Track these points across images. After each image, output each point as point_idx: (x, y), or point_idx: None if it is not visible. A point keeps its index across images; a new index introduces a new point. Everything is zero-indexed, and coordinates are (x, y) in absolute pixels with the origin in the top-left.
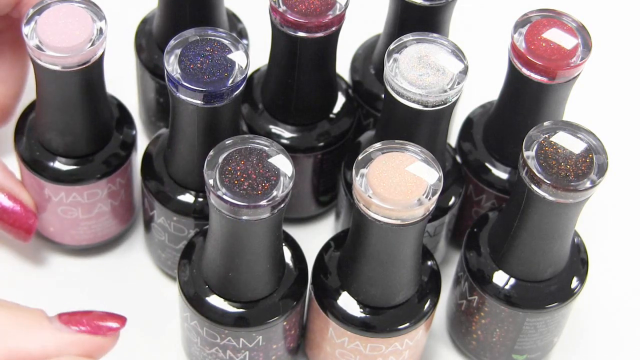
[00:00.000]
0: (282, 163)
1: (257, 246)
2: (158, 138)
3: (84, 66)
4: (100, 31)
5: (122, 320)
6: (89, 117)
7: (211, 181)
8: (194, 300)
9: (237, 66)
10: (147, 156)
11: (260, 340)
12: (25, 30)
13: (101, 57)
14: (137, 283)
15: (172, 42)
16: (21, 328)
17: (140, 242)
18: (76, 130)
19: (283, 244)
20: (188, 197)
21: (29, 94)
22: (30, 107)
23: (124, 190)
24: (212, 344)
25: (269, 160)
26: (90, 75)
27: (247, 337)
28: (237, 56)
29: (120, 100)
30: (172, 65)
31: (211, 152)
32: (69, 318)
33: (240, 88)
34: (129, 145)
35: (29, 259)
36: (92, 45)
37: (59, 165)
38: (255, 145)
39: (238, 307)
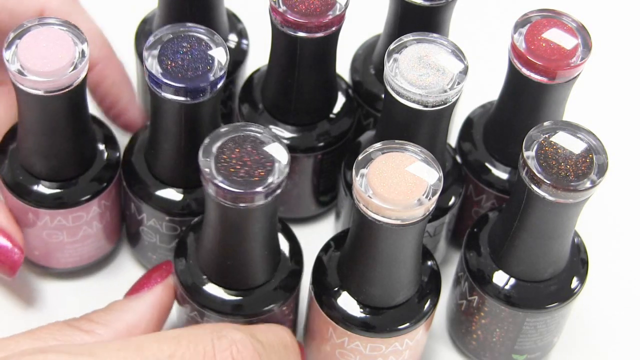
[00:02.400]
0: (277, 150)
1: (254, 233)
2: (134, 140)
3: (66, 90)
4: (82, 54)
5: (163, 265)
6: (71, 140)
7: (207, 170)
8: (192, 289)
9: (216, 62)
10: (127, 161)
11: None
12: (6, 55)
13: (84, 80)
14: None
15: (147, 44)
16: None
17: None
18: (59, 153)
19: (279, 233)
20: (177, 195)
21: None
22: (13, 130)
23: (109, 212)
24: None
25: (264, 147)
26: (73, 98)
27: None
28: (216, 53)
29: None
30: (152, 66)
31: (206, 141)
32: (134, 289)
33: (224, 79)
34: (113, 167)
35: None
36: (75, 68)
37: (42, 189)
38: (249, 133)
39: (235, 295)
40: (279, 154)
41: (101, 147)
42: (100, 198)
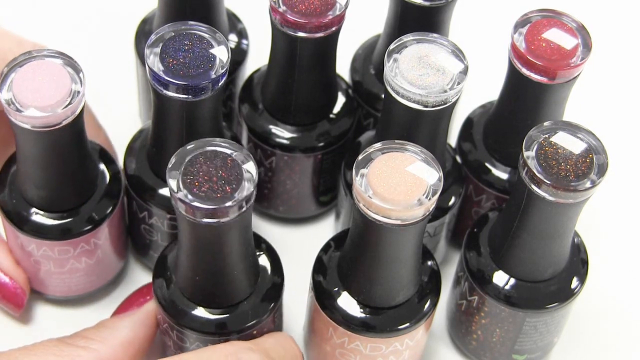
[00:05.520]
0: (248, 166)
1: (226, 249)
2: (136, 138)
3: (58, 127)
4: (78, 92)
5: (149, 284)
6: (63, 174)
7: (173, 183)
8: (171, 309)
9: (218, 60)
10: (129, 158)
11: None
12: (2, 86)
13: (79, 115)
14: None
15: (149, 42)
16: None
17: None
18: (50, 185)
19: (256, 249)
20: None
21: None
22: (14, 157)
23: (100, 250)
24: (183, 348)
25: (235, 163)
26: (68, 133)
27: (215, 343)
28: (218, 51)
29: (121, 99)
30: (154, 64)
31: (173, 158)
32: (123, 307)
33: (225, 77)
34: (112, 205)
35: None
36: (68, 105)
37: (36, 218)
38: (220, 149)
39: (216, 314)
40: (250, 169)
41: (101, 178)
42: (90, 236)
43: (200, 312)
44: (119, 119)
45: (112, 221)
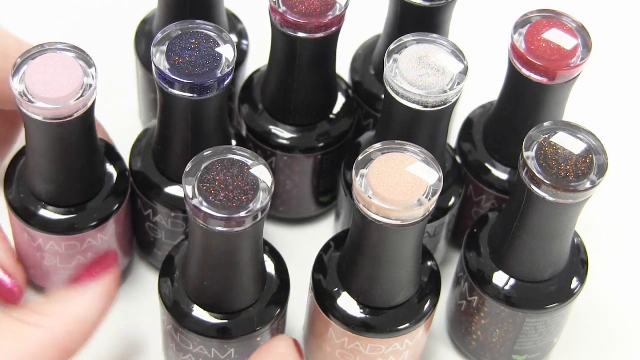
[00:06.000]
0: (263, 175)
1: (233, 258)
2: (142, 136)
3: (69, 119)
4: (90, 85)
5: (112, 255)
6: (72, 168)
7: (189, 189)
8: (175, 311)
9: (224, 59)
10: (134, 157)
11: (233, 354)
12: (15, 77)
13: (90, 108)
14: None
15: (155, 40)
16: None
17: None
18: (59, 180)
19: (264, 255)
20: (182, 192)
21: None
22: (21, 152)
23: (106, 246)
24: (185, 350)
25: (250, 171)
26: (78, 127)
27: (219, 348)
28: (224, 50)
29: (121, 99)
30: (160, 62)
31: (190, 163)
32: (77, 279)
33: (231, 76)
34: (119, 201)
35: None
36: (80, 97)
37: (44, 212)
38: (238, 158)
39: (220, 318)
40: (265, 178)
41: (108, 174)
42: (97, 230)
43: (205, 316)
44: (119, 119)
45: (119, 218)
